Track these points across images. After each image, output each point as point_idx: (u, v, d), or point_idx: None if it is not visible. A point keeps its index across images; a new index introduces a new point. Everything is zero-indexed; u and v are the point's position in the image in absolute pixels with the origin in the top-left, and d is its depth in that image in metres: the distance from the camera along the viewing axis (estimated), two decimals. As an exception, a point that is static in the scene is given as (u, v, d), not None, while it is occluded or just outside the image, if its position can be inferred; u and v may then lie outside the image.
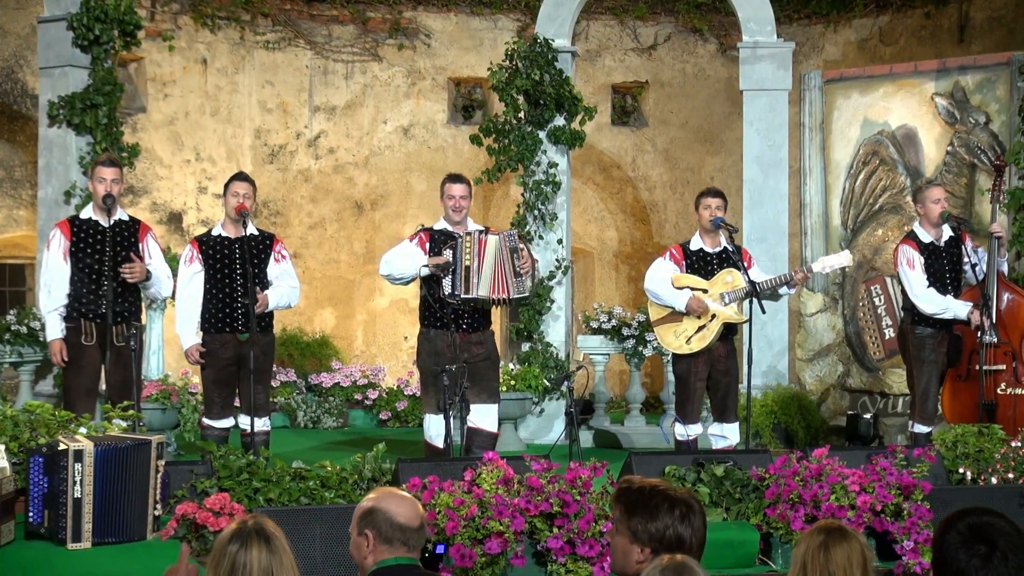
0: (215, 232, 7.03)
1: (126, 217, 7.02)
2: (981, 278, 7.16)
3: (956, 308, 7.20)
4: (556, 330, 9.56)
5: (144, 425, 6.92)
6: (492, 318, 7.33)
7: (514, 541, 5.01)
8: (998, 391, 7.29)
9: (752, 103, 9.42)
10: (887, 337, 9.18)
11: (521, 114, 9.56)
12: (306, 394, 10.61)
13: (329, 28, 12.37)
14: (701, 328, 7.10)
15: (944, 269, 7.31)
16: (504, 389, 8.39)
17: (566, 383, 7.09)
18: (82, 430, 5.50)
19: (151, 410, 8.02)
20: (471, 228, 7.14)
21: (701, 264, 7.22)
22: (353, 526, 3.27)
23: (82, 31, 8.88)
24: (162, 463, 5.19)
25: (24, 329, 8.50)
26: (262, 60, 12.16)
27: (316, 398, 10.55)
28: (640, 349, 9.40)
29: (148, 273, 6.85)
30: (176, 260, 7.60)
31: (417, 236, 7.12)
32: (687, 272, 7.20)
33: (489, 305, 7.06)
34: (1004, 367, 7.29)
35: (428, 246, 7.03)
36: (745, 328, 7.02)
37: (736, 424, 7.24)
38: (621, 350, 9.51)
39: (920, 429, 7.29)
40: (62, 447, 4.92)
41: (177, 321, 7.02)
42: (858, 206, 9.47)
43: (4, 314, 8.94)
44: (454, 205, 7.09)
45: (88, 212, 6.95)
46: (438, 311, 6.99)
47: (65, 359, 6.77)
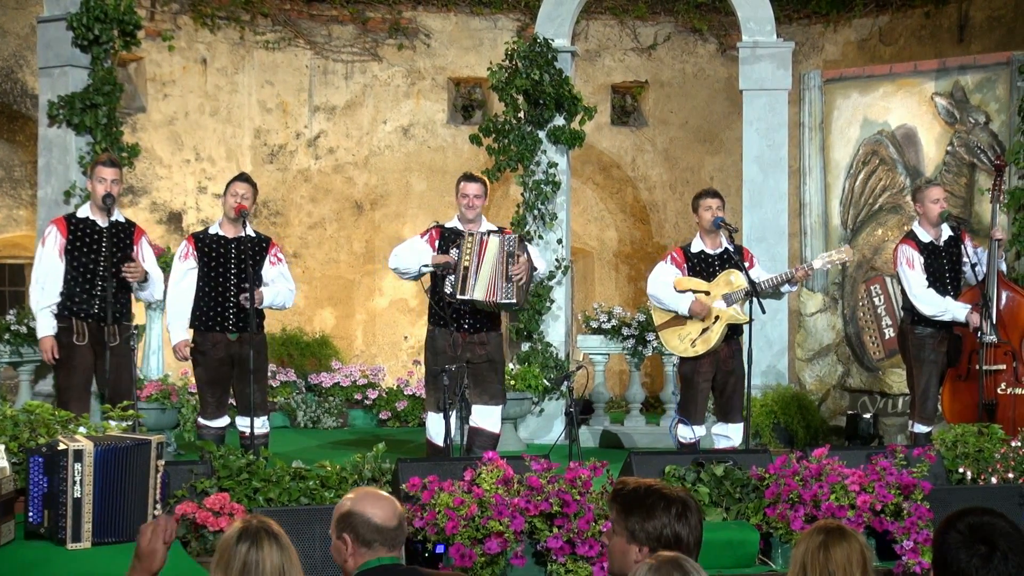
0: (212, 231, 7.04)
1: (122, 219, 7.00)
2: (981, 278, 7.16)
3: (955, 310, 7.19)
4: (556, 330, 9.56)
5: (143, 425, 6.93)
6: (499, 320, 7.27)
7: (514, 541, 5.01)
8: (998, 391, 7.29)
9: (752, 103, 9.42)
10: (887, 337, 9.17)
11: (521, 114, 9.56)
12: (306, 394, 10.60)
13: (329, 28, 12.36)
14: (705, 330, 7.09)
15: (944, 269, 7.31)
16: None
17: (566, 383, 7.09)
18: (82, 430, 5.50)
19: (151, 410, 8.01)
20: (483, 228, 7.13)
21: (703, 266, 7.21)
22: (332, 529, 3.25)
23: (82, 31, 8.88)
24: (162, 463, 5.18)
25: (24, 329, 8.48)
26: (262, 60, 12.16)
27: (316, 398, 10.55)
28: (640, 349, 9.39)
29: (146, 274, 6.85)
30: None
31: (428, 233, 7.15)
32: (689, 275, 7.20)
33: (488, 308, 7.05)
34: (1004, 367, 7.29)
35: (438, 244, 7.04)
36: (745, 328, 7.02)
37: (740, 424, 7.20)
38: (621, 350, 9.50)
39: (920, 429, 7.29)
40: (62, 447, 4.92)
41: (168, 315, 7.02)
42: (858, 206, 9.46)
43: (4, 314, 8.93)
44: (467, 204, 7.10)
45: (85, 211, 6.92)
46: (442, 309, 6.99)
47: (56, 357, 6.75)
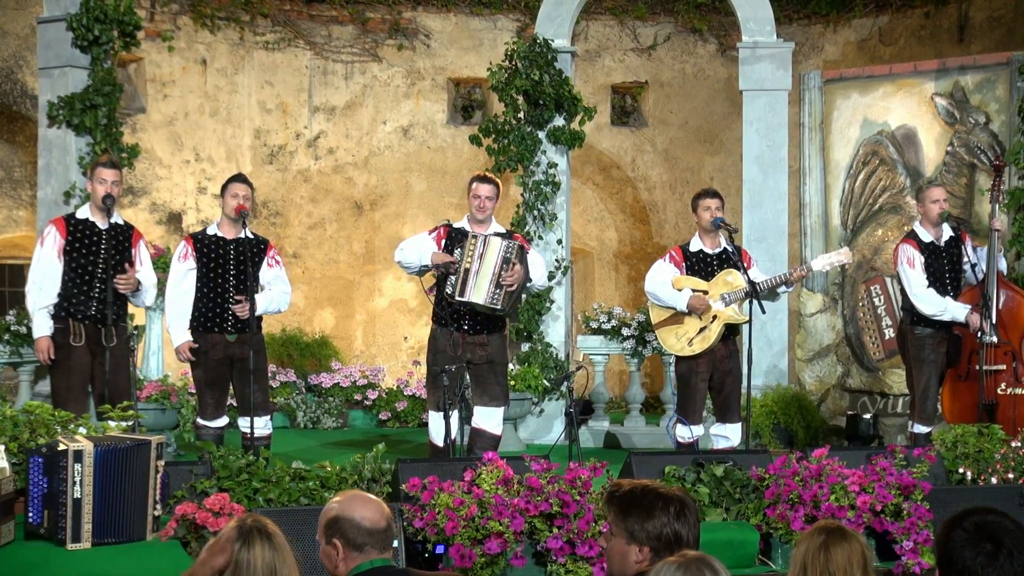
0: (211, 231, 7.00)
1: (121, 221, 6.98)
2: (981, 278, 7.16)
3: (955, 310, 7.20)
4: (556, 330, 9.56)
5: (143, 426, 6.92)
6: (503, 322, 7.23)
7: (514, 541, 5.00)
8: (998, 391, 7.29)
9: (752, 103, 9.42)
10: (887, 337, 9.17)
11: (521, 114, 9.56)
12: (306, 394, 10.60)
13: (329, 28, 12.36)
14: (703, 329, 7.09)
15: (944, 269, 7.31)
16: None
17: (566, 383, 7.08)
18: (82, 430, 5.49)
19: (150, 410, 8.01)
20: (492, 230, 7.10)
21: (701, 265, 7.21)
22: (320, 534, 3.21)
23: (81, 31, 8.88)
24: (162, 463, 5.18)
25: (24, 329, 8.48)
26: (262, 60, 12.16)
27: (316, 398, 10.54)
28: (640, 349, 9.39)
29: (138, 284, 6.84)
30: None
31: (437, 230, 7.13)
32: (687, 274, 7.19)
33: (484, 310, 7.01)
34: (1004, 367, 7.29)
35: (444, 242, 7.03)
36: (745, 328, 7.01)
37: (738, 424, 7.21)
38: (621, 350, 9.50)
39: (920, 429, 7.29)
40: (62, 447, 4.91)
41: (167, 316, 6.98)
42: (858, 206, 9.46)
43: (4, 314, 8.94)
44: (478, 205, 7.07)
45: (85, 212, 6.89)
46: (443, 309, 6.98)
47: (52, 357, 6.73)
